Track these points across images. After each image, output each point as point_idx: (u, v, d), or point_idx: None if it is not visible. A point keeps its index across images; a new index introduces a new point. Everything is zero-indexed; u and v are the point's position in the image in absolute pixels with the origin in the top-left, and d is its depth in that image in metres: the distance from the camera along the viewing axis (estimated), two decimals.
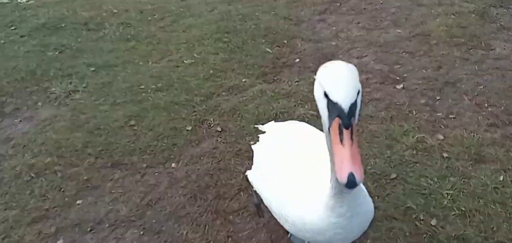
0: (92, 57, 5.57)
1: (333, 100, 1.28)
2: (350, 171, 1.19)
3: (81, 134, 4.14)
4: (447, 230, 2.91)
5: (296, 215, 2.04)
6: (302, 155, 2.22)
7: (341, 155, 1.24)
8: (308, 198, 1.98)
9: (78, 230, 3.18)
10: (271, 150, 2.46)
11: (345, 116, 1.25)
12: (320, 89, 1.36)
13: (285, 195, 2.14)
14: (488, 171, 3.32)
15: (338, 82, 1.30)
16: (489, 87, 4.25)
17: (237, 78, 4.87)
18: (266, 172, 2.39)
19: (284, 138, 2.50)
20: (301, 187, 2.05)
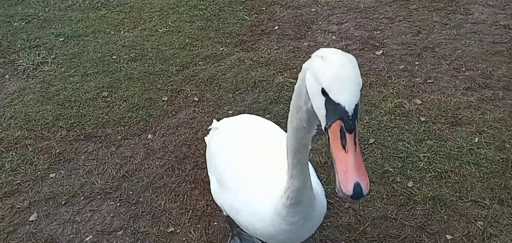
0: (60, 27, 5.34)
1: (336, 100, 1.07)
2: (356, 181, 1.04)
3: (52, 107, 3.98)
4: (423, 191, 2.94)
5: (247, 221, 1.98)
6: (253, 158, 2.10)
7: (345, 162, 1.07)
8: (259, 204, 1.90)
9: (52, 203, 3.09)
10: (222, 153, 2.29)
11: (349, 120, 1.06)
12: (316, 83, 1.14)
13: (236, 201, 2.05)
14: (464, 133, 3.35)
15: (341, 79, 1.08)
16: (467, 51, 4.27)
17: (214, 46, 4.75)
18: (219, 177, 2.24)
19: (234, 139, 2.32)
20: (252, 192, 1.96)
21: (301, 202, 1.67)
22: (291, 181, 1.61)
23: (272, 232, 1.84)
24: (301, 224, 1.76)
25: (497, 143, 3.24)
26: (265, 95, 3.94)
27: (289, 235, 1.82)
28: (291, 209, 1.68)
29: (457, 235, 2.69)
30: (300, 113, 1.34)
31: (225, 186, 2.18)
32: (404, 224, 2.78)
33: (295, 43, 4.71)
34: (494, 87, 3.81)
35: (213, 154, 2.36)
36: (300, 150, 1.50)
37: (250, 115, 2.67)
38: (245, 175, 2.06)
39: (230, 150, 2.26)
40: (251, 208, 1.95)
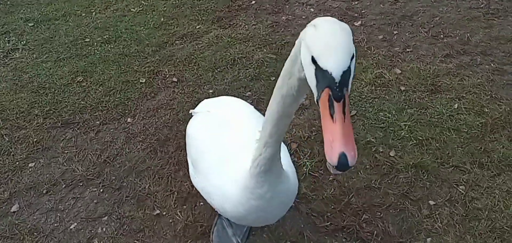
0: (29, 11, 5.13)
1: (323, 67, 1.04)
2: (341, 151, 1.00)
3: (25, 95, 3.84)
4: (405, 159, 2.99)
5: (218, 204, 1.99)
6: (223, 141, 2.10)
7: (332, 132, 1.03)
8: (227, 186, 1.90)
9: (33, 193, 3.00)
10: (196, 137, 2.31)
11: (336, 87, 1.02)
12: (307, 52, 1.10)
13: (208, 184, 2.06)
14: (443, 100, 3.40)
15: (329, 45, 1.05)
16: (445, 18, 4.30)
17: (190, 24, 4.64)
18: (193, 160, 2.27)
19: (207, 123, 2.34)
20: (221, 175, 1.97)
21: (270, 170, 1.66)
22: (264, 149, 1.59)
23: (241, 211, 1.84)
24: (269, 199, 1.75)
25: (476, 108, 3.30)
26: (245, 72, 3.89)
27: (258, 213, 1.81)
28: (259, 178, 1.68)
29: (440, 200, 2.75)
30: (292, 79, 1.30)
31: (198, 169, 2.20)
32: (387, 192, 2.83)
33: (273, 17, 4.65)
34: (472, 52, 3.86)
35: (188, 138, 2.38)
36: (282, 119, 1.46)
37: (227, 97, 2.67)
38: (215, 158, 2.06)
39: (202, 134, 2.27)
40: (221, 190, 1.96)
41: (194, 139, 2.30)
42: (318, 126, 3.30)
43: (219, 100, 2.66)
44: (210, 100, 2.68)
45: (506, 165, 2.89)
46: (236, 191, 1.83)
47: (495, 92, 3.43)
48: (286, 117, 1.46)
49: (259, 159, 1.63)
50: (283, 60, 1.56)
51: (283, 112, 1.43)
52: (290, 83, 1.32)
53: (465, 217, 2.63)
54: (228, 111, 2.37)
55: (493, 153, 2.98)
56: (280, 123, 1.48)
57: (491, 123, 3.17)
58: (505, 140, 3.05)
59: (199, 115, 2.46)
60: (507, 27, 4.11)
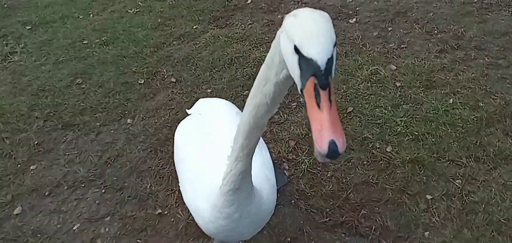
0: (26, 14, 5.14)
1: (307, 55, 1.01)
2: (330, 139, 0.97)
3: (25, 98, 3.87)
4: (402, 155, 3.04)
5: (195, 217, 1.99)
6: (200, 152, 2.06)
7: (319, 120, 0.99)
8: (199, 201, 1.89)
9: (36, 195, 3.04)
10: (177, 142, 2.29)
11: (321, 75, 1.00)
12: (289, 42, 1.07)
13: (185, 196, 2.07)
14: (438, 95, 3.45)
15: (311, 33, 1.02)
16: (439, 14, 4.35)
17: (187, 25, 4.68)
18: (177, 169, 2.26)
19: (190, 127, 2.29)
20: (195, 189, 1.95)
21: (239, 188, 1.61)
22: (235, 164, 1.54)
23: (211, 229, 1.82)
24: (237, 218, 1.70)
25: (471, 103, 3.36)
26: (243, 71, 3.93)
27: (227, 233, 1.78)
28: (227, 197, 1.64)
29: (437, 194, 2.80)
30: (268, 86, 1.26)
31: (179, 178, 2.21)
32: (385, 187, 2.88)
33: (269, 16, 4.68)
34: (466, 47, 3.91)
35: (175, 144, 2.34)
36: (254, 132, 1.42)
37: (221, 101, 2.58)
38: (193, 167, 2.04)
39: (182, 140, 2.27)
40: (194, 204, 1.96)
41: (176, 145, 2.29)
42: None
43: (212, 103, 2.60)
44: (205, 101, 2.65)
45: (501, 159, 2.95)
46: (207, 207, 1.79)
47: (490, 86, 3.48)
48: (258, 129, 1.41)
49: (229, 176, 1.58)
50: None
51: (256, 123, 1.38)
52: (264, 90, 1.28)
53: (462, 210, 2.69)
54: (214, 119, 2.29)
55: (489, 147, 3.03)
56: (251, 135, 1.43)
57: (486, 117, 3.23)
58: (500, 134, 3.10)
59: (186, 120, 2.40)
60: (500, 21, 4.16)
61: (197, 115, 2.42)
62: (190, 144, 2.17)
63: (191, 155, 2.10)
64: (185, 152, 2.16)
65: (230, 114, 2.32)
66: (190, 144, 2.16)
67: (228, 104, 2.50)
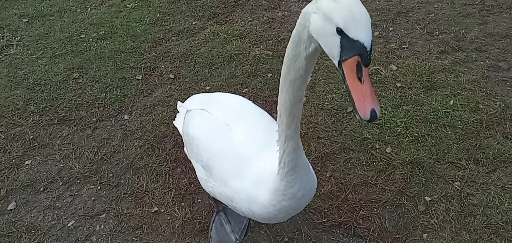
0: (23, 6, 5.08)
1: (355, 38, 1.15)
2: (372, 107, 1.16)
3: (21, 91, 3.82)
4: (401, 156, 3.01)
5: (244, 207, 1.98)
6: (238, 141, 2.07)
7: (361, 91, 1.18)
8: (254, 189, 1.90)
9: (30, 191, 3.00)
10: (205, 138, 2.21)
11: (367, 55, 1.16)
12: (329, 24, 1.19)
13: (228, 189, 2.03)
14: (439, 96, 3.43)
15: (357, 18, 1.15)
16: (440, 15, 4.32)
17: (186, 20, 4.63)
18: (205, 164, 2.18)
19: (215, 123, 2.23)
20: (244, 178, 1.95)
21: (297, 165, 1.70)
22: (286, 144, 1.63)
23: (272, 212, 1.86)
24: (300, 197, 1.79)
25: (471, 105, 3.33)
26: (242, 68, 3.89)
27: (289, 211, 1.85)
28: (289, 178, 1.71)
29: (436, 196, 2.78)
30: (298, 61, 1.37)
31: (212, 173, 2.13)
32: (384, 188, 2.85)
33: (269, 13, 4.65)
34: (467, 49, 3.89)
35: (194, 139, 2.27)
36: (296, 105, 1.53)
37: (223, 93, 2.63)
38: (232, 162, 2.03)
39: (211, 133, 2.20)
40: (246, 194, 1.94)
41: (202, 142, 2.21)
42: (314, 122, 3.32)
43: (212, 96, 2.59)
44: (203, 96, 2.62)
45: (501, 161, 2.93)
46: (265, 193, 1.84)
47: (490, 89, 3.46)
48: (298, 102, 1.51)
49: (284, 157, 1.66)
50: (279, 56, 1.58)
51: (295, 97, 1.49)
52: (297, 65, 1.39)
53: (460, 213, 2.67)
54: (228, 109, 2.30)
55: (488, 149, 3.01)
56: (294, 110, 1.54)
57: (486, 119, 3.21)
58: (500, 137, 3.08)
59: (197, 115, 2.36)
60: (501, 24, 4.14)
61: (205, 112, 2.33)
62: (223, 140, 2.13)
63: (229, 149, 2.07)
64: (220, 148, 2.11)
65: (240, 100, 2.41)
66: (223, 139, 2.13)
67: (227, 94, 2.56)
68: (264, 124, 2.17)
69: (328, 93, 3.56)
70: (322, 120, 3.34)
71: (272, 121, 2.22)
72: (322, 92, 3.58)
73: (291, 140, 1.62)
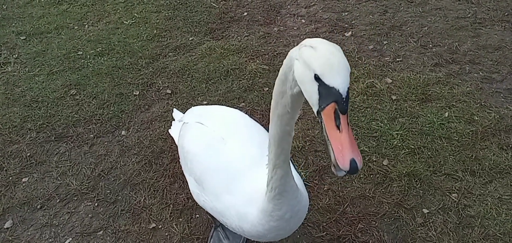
0: (21, 24, 5.11)
1: (330, 84, 1.15)
2: (351, 157, 1.13)
3: (18, 109, 3.83)
4: (398, 168, 3.03)
5: (234, 224, 1.98)
6: (231, 156, 2.07)
7: (340, 141, 1.15)
8: (244, 206, 1.91)
9: (27, 208, 2.99)
10: (198, 152, 2.22)
11: (343, 102, 1.15)
12: (308, 71, 1.21)
13: (219, 204, 2.03)
14: (434, 109, 3.46)
15: (334, 65, 1.16)
16: (433, 28, 4.38)
17: (183, 36, 4.67)
18: (197, 178, 2.19)
19: (210, 137, 2.22)
20: (235, 194, 1.96)
21: (285, 191, 1.69)
22: (274, 171, 1.64)
23: (261, 231, 1.85)
24: (288, 219, 1.78)
25: (466, 117, 3.36)
26: (239, 83, 3.92)
27: (277, 232, 1.85)
28: (276, 201, 1.71)
29: (433, 208, 2.79)
30: (285, 98, 1.39)
31: (205, 188, 2.13)
32: (381, 201, 2.86)
33: (265, 28, 4.69)
34: (461, 61, 3.93)
35: (189, 153, 2.27)
36: (284, 138, 1.53)
37: (221, 107, 2.63)
38: (224, 177, 2.02)
39: (205, 147, 2.20)
40: (236, 210, 1.94)
41: (196, 155, 2.21)
42: (311, 136, 3.33)
43: (210, 110, 2.60)
44: (199, 109, 2.62)
45: (497, 173, 2.95)
46: (255, 212, 1.84)
47: (485, 100, 3.50)
48: (287, 135, 1.52)
49: (272, 182, 1.67)
50: (276, 70, 1.61)
51: (283, 131, 1.50)
52: (283, 102, 1.40)
53: (458, 224, 2.68)
54: (225, 123, 2.30)
55: (484, 160, 3.03)
56: (283, 142, 1.55)
57: (481, 131, 3.23)
58: (495, 148, 3.11)
59: (193, 128, 2.37)
60: (493, 36, 4.20)
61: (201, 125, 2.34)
62: (215, 153, 2.13)
63: (221, 164, 2.07)
64: (213, 162, 2.11)
65: (235, 114, 2.40)
66: (216, 153, 2.13)
67: (224, 107, 2.57)
68: (259, 139, 2.16)
69: None
70: (319, 133, 3.36)
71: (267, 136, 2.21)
72: None
73: (279, 169, 1.62)
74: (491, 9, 4.54)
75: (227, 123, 2.32)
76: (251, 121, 2.37)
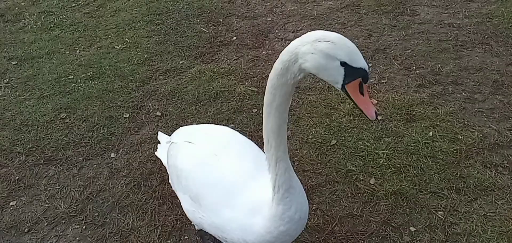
0: (12, 50, 5.14)
1: (358, 66, 1.47)
2: (375, 109, 1.54)
3: (8, 132, 3.83)
4: (385, 187, 3.08)
5: (237, 237, 1.99)
6: (228, 171, 2.11)
7: (365, 101, 1.53)
8: (247, 218, 1.93)
9: (14, 232, 2.98)
10: (193, 169, 2.23)
11: (367, 75, 1.51)
12: (331, 61, 1.47)
13: (219, 219, 2.04)
14: (418, 128, 3.53)
15: (354, 51, 1.47)
16: (416, 51, 4.50)
17: (173, 60, 4.74)
18: (194, 195, 2.20)
19: (203, 152, 2.26)
20: (236, 207, 1.98)
21: (291, 186, 1.80)
22: (277, 167, 1.75)
23: (269, 240, 1.89)
24: (297, 219, 1.86)
25: (450, 136, 3.44)
26: (228, 105, 3.98)
27: (284, 238, 1.90)
28: (285, 200, 1.80)
29: (420, 226, 2.83)
30: (286, 87, 1.59)
31: (202, 204, 2.14)
32: (369, 220, 2.90)
33: (254, 52, 4.78)
34: (444, 82, 4.04)
35: (183, 171, 2.28)
36: (282, 127, 1.70)
37: (209, 125, 2.70)
38: (223, 188, 2.05)
39: (200, 163, 2.22)
40: (238, 224, 1.95)
41: (191, 172, 2.22)
42: (299, 156, 3.38)
43: (198, 128, 2.65)
44: (188, 128, 2.66)
45: (481, 190, 3.01)
46: (260, 222, 1.87)
47: (468, 120, 3.59)
48: (283, 123, 1.70)
49: (278, 180, 1.77)
50: (264, 92, 1.67)
51: (281, 119, 1.68)
52: (282, 92, 1.60)
53: (445, 242, 2.71)
54: (215, 140, 2.34)
55: (469, 178, 3.09)
56: (281, 132, 1.71)
57: (465, 149, 3.31)
58: (479, 166, 3.17)
59: (184, 147, 2.38)
60: (475, 58, 4.33)
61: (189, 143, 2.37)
62: (210, 170, 2.16)
63: (218, 179, 2.10)
64: (209, 178, 2.14)
65: (223, 130, 2.51)
66: (211, 169, 2.16)
67: (212, 125, 2.68)
68: (252, 153, 2.22)
69: (312, 127, 3.65)
70: (307, 153, 3.40)
71: (259, 151, 2.25)
72: (306, 126, 3.66)
73: (282, 161, 1.75)
74: (472, 32, 4.69)
75: (217, 139, 2.36)
76: (240, 135, 2.42)
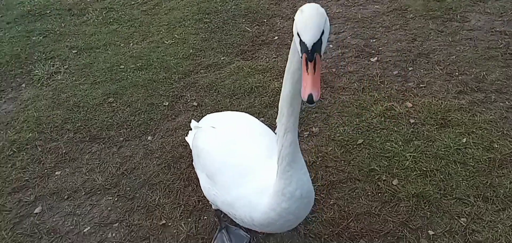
0: (74, 40, 5.66)
1: (303, 40, 1.48)
2: (310, 92, 1.45)
3: (61, 112, 4.24)
4: (408, 188, 3.01)
5: (244, 214, 2.13)
6: (242, 152, 2.28)
7: (305, 80, 1.48)
8: (254, 195, 2.07)
9: (55, 198, 3.31)
10: (211, 149, 2.44)
11: (309, 53, 1.47)
12: (295, 28, 1.53)
13: (229, 196, 2.20)
14: (452, 134, 3.40)
15: (307, 26, 1.47)
16: (461, 57, 4.32)
17: (216, 56, 4.95)
18: (209, 173, 2.39)
19: (221, 135, 2.49)
20: (245, 185, 2.12)
21: (294, 161, 1.86)
22: (284, 137, 1.83)
23: (273, 216, 1.98)
24: (298, 197, 1.91)
25: (485, 144, 3.28)
26: (261, 100, 4.09)
27: (287, 217, 1.97)
28: (286, 174, 1.87)
29: (439, 230, 2.74)
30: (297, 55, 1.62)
31: (216, 182, 2.31)
32: (387, 219, 2.86)
33: None
34: (487, 90, 3.84)
35: (202, 151, 2.49)
36: (295, 97, 1.75)
37: (233, 112, 2.87)
38: (236, 169, 2.21)
39: (218, 146, 2.41)
40: (248, 201, 2.09)
41: (209, 153, 2.42)
42: (324, 152, 3.40)
43: (222, 115, 2.84)
44: (214, 115, 2.85)
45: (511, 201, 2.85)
46: (266, 200, 1.99)
47: (507, 129, 3.39)
48: (297, 94, 1.73)
49: (282, 151, 1.85)
50: None
51: (294, 89, 1.73)
52: (295, 60, 1.65)
53: None
54: (235, 126, 2.54)
55: (499, 188, 2.94)
56: (294, 102, 1.77)
57: (499, 158, 3.14)
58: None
59: (207, 130, 2.59)
60: None
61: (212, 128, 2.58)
62: (228, 151, 2.35)
63: (233, 160, 2.27)
64: (225, 159, 2.32)
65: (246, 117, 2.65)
66: (228, 151, 2.34)
67: (234, 112, 2.86)
68: (268, 142, 2.33)
69: (340, 126, 3.65)
70: (332, 150, 3.42)
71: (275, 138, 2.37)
72: (335, 124, 3.67)
73: (289, 133, 1.82)
74: None
75: (237, 126, 2.54)
76: (259, 123, 2.57)
